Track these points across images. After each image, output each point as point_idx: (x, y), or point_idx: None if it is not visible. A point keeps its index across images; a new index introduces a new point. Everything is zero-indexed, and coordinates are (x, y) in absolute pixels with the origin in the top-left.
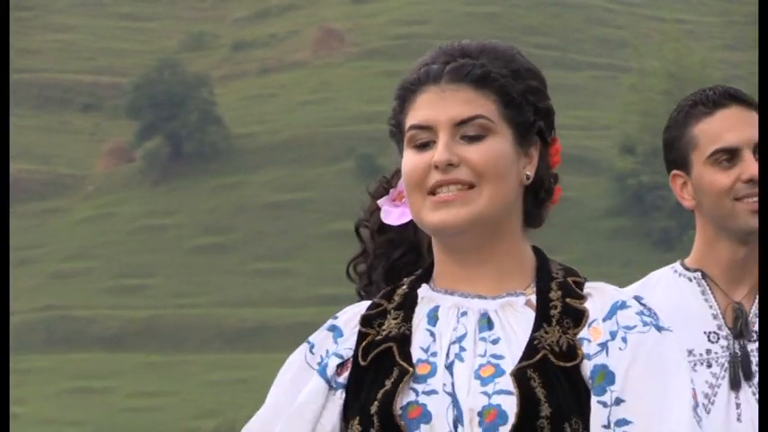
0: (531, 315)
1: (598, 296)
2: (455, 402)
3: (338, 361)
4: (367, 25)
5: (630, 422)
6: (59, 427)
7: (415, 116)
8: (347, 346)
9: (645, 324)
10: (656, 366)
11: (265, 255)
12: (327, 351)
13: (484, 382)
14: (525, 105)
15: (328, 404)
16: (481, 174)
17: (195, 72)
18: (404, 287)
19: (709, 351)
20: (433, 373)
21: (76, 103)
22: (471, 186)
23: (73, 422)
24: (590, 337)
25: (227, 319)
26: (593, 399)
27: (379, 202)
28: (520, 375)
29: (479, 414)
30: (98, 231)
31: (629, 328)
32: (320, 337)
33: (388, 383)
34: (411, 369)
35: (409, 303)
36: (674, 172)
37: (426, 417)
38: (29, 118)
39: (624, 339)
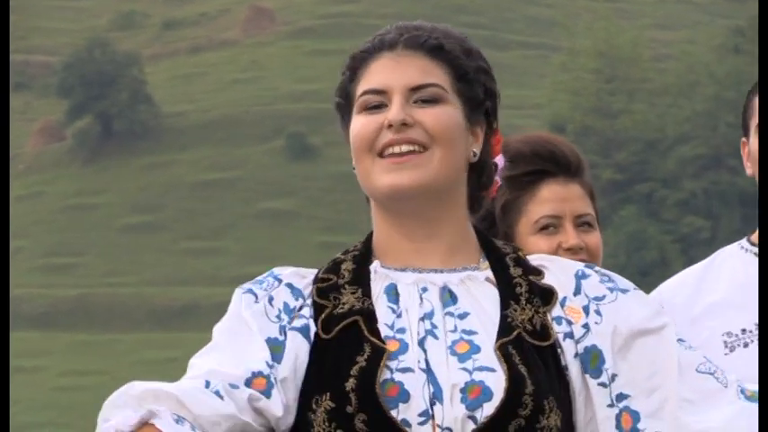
0: (493, 291)
1: (554, 268)
2: (432, 379)
3: (315, 329)
4: (297, 4)
5: (628, 395)
6: None
7: (368, 81)
8: (308, 314)
9: (611, 291)
10: (635, 330)
11: (195, 234)
12: (287, 304)
13: (461, 358)
14: (476, 82)
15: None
16: (434, 136)
17: (125, 51)
18: (348, 262)
19: None
20: (403, 349)
21: None
22: (423, 149)
23: None
24: (570, 319)
25: (158, 297)
26: (592, 382)
27: None
28: (503, 351)
29: (462, 390)
30: (28, 210)
31: (598, 299)
32: (276, 290)
33: (361, 360)
34: (386, 347)
35: (363, 279)
36: (743, 139)
37: (404, 395)
38: None
39: (598, 312)
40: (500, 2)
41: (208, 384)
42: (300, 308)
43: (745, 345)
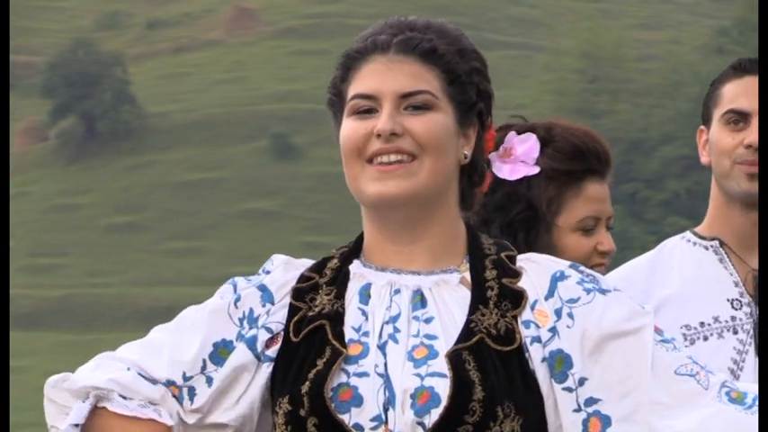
0: (465, 293)
1: (533, 270)
2: (388, 384)
3: (268, 336)
4: (281, 4)
5: (599, 399)
6: None
7: (359, 85)
8: (277, 319)
9: (588, 292)
10: (607, 333)
11: (179, 234)
12: (252, 311)
13: (417, 364)
14: (469, 85)
15: (255, 376)
16: (423, 145)
17: (109, 51)
18: (334, 260)
19: (734, 318)
20: (364, 353)
21: None
22: (412, 158)
23: None
24: (538, 322)
25: (141, 298)
26: (557, 387)
27: (491, 156)
28: (455, 358)
29: (412, 396)
30: (12, 210)
31: (573, 301)
32: (247, 291)
33: (321, 363)
34: (344, 350)
35: (341, 279)
36: (701, 127)
37: (357, 400)
38: None
39: (570, 315)
40: (484, 2)
41: (129, 369)
42: (266, 313)
43: (705, 338)
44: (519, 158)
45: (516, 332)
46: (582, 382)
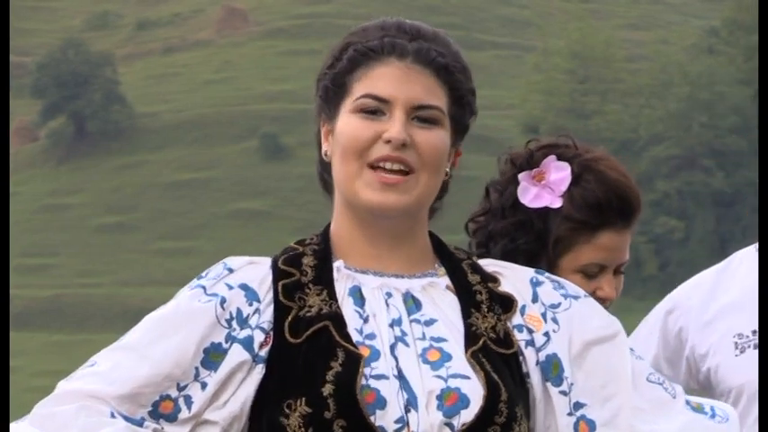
0: (453, 298)
1: (510, 275)
2: (405, 386)
3: (263, 336)
4: (270, 4)
5: (585, 404)
6: None
7: (373, 85)
8: (266, 318)
9: (565, 297)
10: (590, 339)
11: (169, 234)
12: (240, 311)
13: (434, 366)
14: (468, 106)
15: (247, 376)
16: (425, 161)
17: (99, 51)
18: (309, 257)
19: None
20: (375, 356)
21: None
22: (409, 172)
23: None
24: (531, 327)
25: (131, 298)
26: (554, 390)
27: (521, 176)
28: (476, 359)
29: (438, 398)
30: None
31: (554, 306)
32: (230, 292)
33: (336, 366)
34: (361, 353)
35: (326, 279)
36: None
37: (381, 402)
38: None
39: (555, 320)
40: (474, 2)
41: (113, 415)
42: (255, 312)
43: (755, 346)
44: (548, 185)
45: (512, 336)
46: (571, 386)
